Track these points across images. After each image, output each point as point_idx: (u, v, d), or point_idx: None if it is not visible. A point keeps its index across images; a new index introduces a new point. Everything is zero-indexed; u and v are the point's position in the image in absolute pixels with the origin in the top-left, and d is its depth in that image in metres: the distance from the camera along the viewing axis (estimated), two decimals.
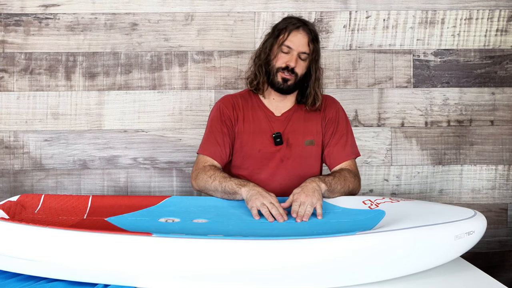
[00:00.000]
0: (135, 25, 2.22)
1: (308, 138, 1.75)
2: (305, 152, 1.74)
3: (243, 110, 1.77)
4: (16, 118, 2.21)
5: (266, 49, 1.73)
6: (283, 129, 1.75)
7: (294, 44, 1.68)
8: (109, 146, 2.23)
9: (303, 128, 1.76)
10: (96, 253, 1.15)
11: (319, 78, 1.76)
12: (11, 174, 2.22)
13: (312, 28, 1.72)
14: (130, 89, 2.23)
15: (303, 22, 1.71)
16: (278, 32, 1.71)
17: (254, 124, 1.75)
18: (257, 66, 1.75)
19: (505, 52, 2.27)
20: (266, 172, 1.73)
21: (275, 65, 1.70)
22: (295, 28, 1.68)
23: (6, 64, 2.20)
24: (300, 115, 1.77)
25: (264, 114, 1.77)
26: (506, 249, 2.30)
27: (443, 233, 1.22)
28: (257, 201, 1.47)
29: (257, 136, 1.74)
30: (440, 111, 2.27)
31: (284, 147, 1.73)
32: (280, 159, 1.73)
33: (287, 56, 1.69)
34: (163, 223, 1.39)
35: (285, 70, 1.69)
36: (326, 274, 1.16)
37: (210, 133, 1.75)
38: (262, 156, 1.73)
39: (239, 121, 1.76)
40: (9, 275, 1.24)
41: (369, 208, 1.49)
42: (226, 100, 1.81)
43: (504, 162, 2.29)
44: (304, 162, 1.74)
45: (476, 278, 1.28)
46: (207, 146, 1.74)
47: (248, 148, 1.73)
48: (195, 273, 1.14)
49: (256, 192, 1.51)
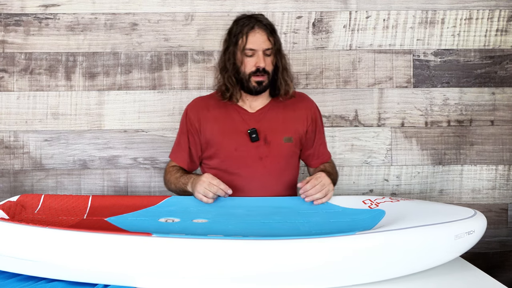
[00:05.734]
0: (135, 25, 2.22)
1: (287, 135, 1.73)
2: (284, 150, 1.73)
3: (214, 111, 1.75)
4: (16, 118, 2.21)
5: (230, 59, 1.70)
6: (259, 125, 1.72)
7: (255, 45, 1.66)
8: (109, 146, 2.23)
9: (281, 125, 1.74)
10: (96, 253, 1.15)
11: (286, 66, 1.75)
12: (11, 174, 2.22)
13: (266, 22, 1.69)
14: (130, 89, 2.23)
15: (255, 19, 1.68)
16: (235, 38, 1.68)
17: (227, 124, 1.73)
18: (227, 78, 1.71)
19: (505, 52, 2.27)
20: (245, 171, 1.69)
21: (245, 71, 1.68)
22: (250, 29, 1.66)
23: (6, 64, 2.20)
24: (277, 112, 1.75)
25: (237, 112, 1.74)
26: (506, 249, 2.30)
27: (443, 233, 1.22)
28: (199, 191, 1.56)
29: (232, 135, 1.71)
30: (440, 111, 2.27)
31: (262, 144, 1.70)
32: (259, 157, 1.70)
33: (253, 59, 1.67)
34: (163, 223, 1.39)
35: (257, 72, 1.67)
36: (326, 274, 1.16)
37: (177, 138, 1.81)
38: (239, 155, 1.70)
39: (208, 124, 1.73)
40: (9, 275, 1.24)
41: (369, 208, 1.49)
42: (193, 104, 1.80)
43: (504, 162, 2.29)
44: (283, 159, 1.73)
45: (476, 278, 1.28)
46: (175, 152, 1.80)
47: (224, 149, 1.71)
48: (195, 273, 1.14)
49: (194, 183, 1.59)
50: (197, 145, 1.76)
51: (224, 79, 1.72)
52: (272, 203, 1.61)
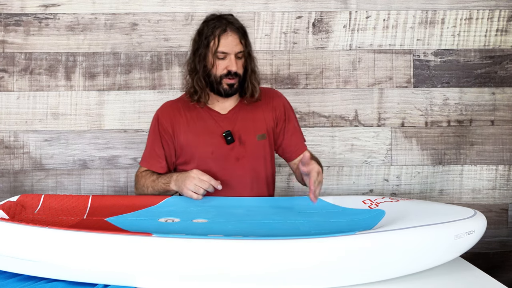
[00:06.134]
0: (135, 25, 2.22)
1: (259, 133, 1.73)
2: (259, 147, 1.72)
3: (185, 115, 1.72)
4: (16, 118, 2.21)
5: (201, 61, 1.66)
6: (232, 126, 1.71)
7: (228, 48, 1.63)
8: (109, 146, 2.23)
9: (252, 123, 1.73)
10: (96, 253, 1.14)
11: (254, 69, 1.73)
12: (11, 174, 2.22)
13: (238, 25, 1.67)
14: (130, 89, 2.23)
15: (227, 20, 1.65)
16: (206, 40, 1.64)
17: (201, 127, 1.71)
18: (196, 80, 1.68)
19: (505, 52, 2.27)
20: (223, 173, 1.67)
21: (216, 74, 1.65)
22: (223, 31, 1.63)
23: (6, 64, 2.20)
24: (247, 110, 1.74)
25: (209, 115, 1.72)
26: (506, 249, 2.30)
27: (443, 233, 1.22)
28: (189, 187, 1.54)
29: (207, 138, 1.69)
30: (440, 111, 2.27)
31: (237, 145, 1.70)
32: (236, 158, 1.69)
33: (225, 62, 1.64)
34: (163, 223, 1.39)
35: (229, 75, 1.65)
36: (325, 274, 1.16)
37: (149, 145, 1.75)
38: (216, 158, 1.68)
39: (181, 129, 1.71)
40: (9, 275, 1.24)
41: (369, 208, 1.49)
42: (164, 109, 1.77)
43: (505, 162, 2.29)
44: (260, 157, 1.73)
45: (476, 278, 1.28)
46: (147, 158, 1.75)
47: (200, 154, 1.69)
48: (195, 273, 1.14)
49: (181, 180, 1.57)
50: (171, 151, 1.73)
51: (193, 81, 1.69)
52: (272, 203, 1.61)
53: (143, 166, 1.76)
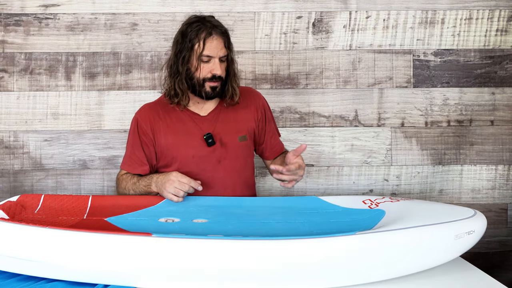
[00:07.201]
0: (135, 25, 2.22)
1: (240, 134, 1.73)
2: (240, 149, 1.72)
3: (165, 118, 1.71)
4: (16, 118, 2.21)
5: (184, 63, 1.64)
6: (213, 128, 1.70)
7: (213, 52, 1.62)
8: (109, 146, 2.23)
9: (233, 124, 1.73)
10: (96, 253, 1.15)
11: (235, 72, 1.73)
12: (11, 174, 2.22)
13: (223, 28, 1.66)
14: (130, 89, 2.23)
15: (211, 23, 1.64)
16: (190, 42, 1.62)
17: (181, 130, 1.69)
18: (177, 83, 1.67)
19: (505, 52, 2.27)
20: (205, 176, 1.67)
21: (199, 77, 1.64)
22: (208, 35, 1.61)
23: (6, 64, 2.20)
24: (227, 112, 1.74)
25: (189, 117, 1.71)
26: (506, 249, 2.30)
27: (443, 232, 1.22)
28: (169, 190, 1.54)
29: (188, 141, 1.68)
30: (440, 111, 2.27)
31: (218, 147, 1.69)
32: (217, 160, 1.69)
33: (209, 65, 1.63)
34: (163, 223, 1.39)
35: (213, 79, 1.64)
36: (326, 274, 1.16)
37: (129, 148, 1.74)
38: (197, 161, 1.68)
39: (161, 132, 1.70)
40: (9, 275, 1.24)
41: (369, 208, 1.49)
42: (143, 112, 1.74)
43: (504, 162, 2.29)
44: (241, 159, 1.73)
45: (476, 278, 1.28)
46: (128, 162, 1.74)
47: (181, 157, 1.68)
48: (195, 273, 1.14)
49: (161, 183, 1.57)
50: (152, 154, 1.72)
51: (174, 84, 1.68)
52: (272, 203, 1.61)
53: (124, 169, 1.75)
